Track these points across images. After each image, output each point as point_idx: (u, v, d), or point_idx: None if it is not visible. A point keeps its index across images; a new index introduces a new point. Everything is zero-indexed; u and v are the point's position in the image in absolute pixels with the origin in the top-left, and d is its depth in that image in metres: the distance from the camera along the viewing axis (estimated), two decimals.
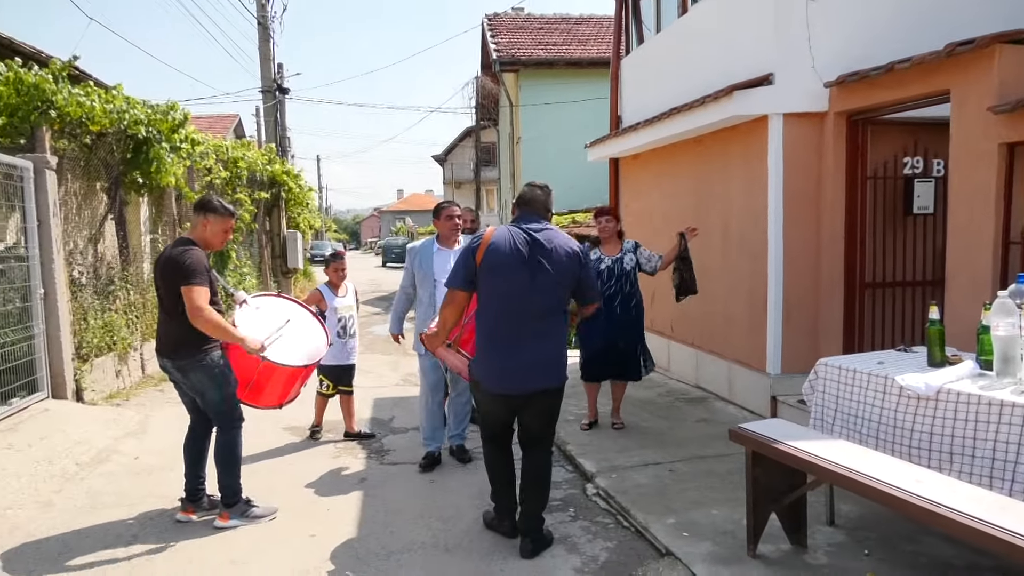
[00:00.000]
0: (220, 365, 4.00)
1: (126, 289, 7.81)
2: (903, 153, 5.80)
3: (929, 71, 4.58)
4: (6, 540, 3.92)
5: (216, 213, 4.04)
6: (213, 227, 4.04)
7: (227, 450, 4.07)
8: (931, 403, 3.16)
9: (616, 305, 5.43)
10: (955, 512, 2.45)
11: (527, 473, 3.73)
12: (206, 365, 3.95)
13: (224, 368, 4.03)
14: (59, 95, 6.30)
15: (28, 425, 5.48)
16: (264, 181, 13.81)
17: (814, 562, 3.36)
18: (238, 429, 4.11)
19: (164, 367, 4.08)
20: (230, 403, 4.07)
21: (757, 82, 5.59)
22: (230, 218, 4.12)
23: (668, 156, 7.64)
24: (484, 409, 3.83)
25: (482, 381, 3.64)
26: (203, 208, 4.08)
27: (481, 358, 3.62)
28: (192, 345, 3.91)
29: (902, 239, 5.89)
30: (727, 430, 3.66)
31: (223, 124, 26.31)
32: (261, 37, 17.38)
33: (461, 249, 4.09)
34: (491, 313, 3.56)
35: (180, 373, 4.00)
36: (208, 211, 4.03)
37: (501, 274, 3.49)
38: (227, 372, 4.04)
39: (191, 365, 3.93)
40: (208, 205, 4.07)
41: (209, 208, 4.05)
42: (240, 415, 4.13)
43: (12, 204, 6.02)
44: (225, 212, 4.08)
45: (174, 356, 3.96)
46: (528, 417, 3.68)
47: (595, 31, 19.35)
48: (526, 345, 3.51)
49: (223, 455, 4.06)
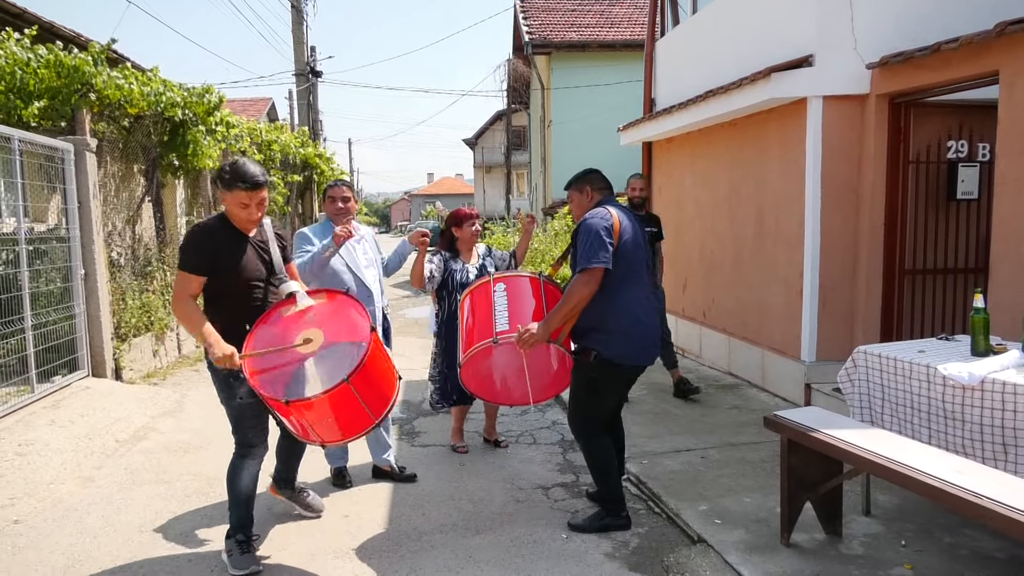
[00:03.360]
0: (220, 374, 3.26)
1: (163, 270, 7.95)
2: (947, 137, 5.64)
3: (977, 51, 4.43)
4: (49, 513, 4.03)
5: (223, 184, 3.24)
6: (228, 202, 3.28)
7: (231, 475, 3.43)
8: (977, 393, 3.09)
9: None
10: (998, 504, 2.39)
11: (618, 441, 3.95)
12: (214, 371, 3.28)
13: (229, 377, 3.24)
14: (98, 78, 6.40)
15: (70, 402, 5.61)
16: (297, 164, 13.93)
17: (849, 552, 3.32)
18: (245, 456, 3.40)
19: None
20: (236, 422, 3.38)
21: (796, 64, 5.47)
22: (243, 191, 3.18)
23: (703, 140, 7.53)
24: (610, 392, 3.70)
25: (623, 360, 3.56)
26: (216, 179, 3.41)
27: (619, 337, 3.53)
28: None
29: (944, 225, 5.75)
30: (760, 417, 3.62)
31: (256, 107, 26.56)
32: (295, 20, 17.46)
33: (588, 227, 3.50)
34: (625, 288, 3.56)
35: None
36: (220, 182, 3.27)
37: (632, 250, 3.57)
38: (234, 383, 3.25)
39: (209, 363, 3.25)
40: (219, 177, 3.27)
41: (220, 179, 3.26)
42: (249, 441, 3.39)
43: (53, 186, 6.15)
44: (233, 183, 3.18)
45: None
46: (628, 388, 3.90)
47: (629, 12, 19.10)
48: (652, 315, 3.73)
49: (228, 479, 3.45)
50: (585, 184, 3.75)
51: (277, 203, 12.24)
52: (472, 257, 4.76)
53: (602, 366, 3.55)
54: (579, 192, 3.77)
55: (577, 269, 3.46)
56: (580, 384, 3.68)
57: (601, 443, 3.72)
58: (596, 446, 3.71)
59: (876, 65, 5.24)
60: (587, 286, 3.42)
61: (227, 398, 3.33)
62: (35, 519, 3.96)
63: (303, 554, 3.54)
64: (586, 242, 3.44)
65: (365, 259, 4.33)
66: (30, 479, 4.40)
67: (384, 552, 3.55)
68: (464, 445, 5.01)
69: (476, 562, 3.42)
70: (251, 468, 3.42)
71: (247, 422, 3.37)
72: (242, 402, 3.30)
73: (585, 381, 3.65)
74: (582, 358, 3.60)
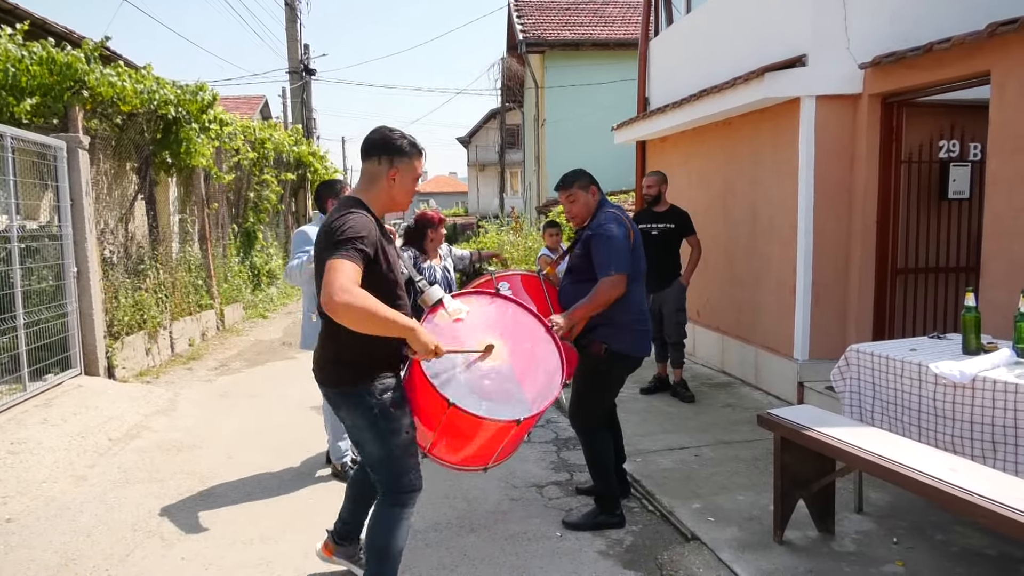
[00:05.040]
0: (386, 404, 2.63)
1: (156, 268, 7.92)
2: (939, 136, 5.68)
3: (969, 52, 4.46)
4: (42, 512, 4.02)
5: (405, 155, 2.69)
6: (403, 178, 2.71)
7: (382, 529, 2.74)
8: (968, 391, 3.11)
9: None
10: (990, 501, 2.42)
11: (617, 440, 4.05)
12: (365, 403, 2.62)
13: (392, 410, 2.65)
14: (91, 75, 6.37)
15: (62, 400, 5.59)
16: (290, 162, 13.90)
17: (842, 549, 3.34)
18: (405, 506, 2.76)
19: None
20: (398, 461, 2.70)
21: (789, 63, 5.49)
22: (420, 161, 2.75)
23: (697, 139, 7.55)
24: (616, 384, 3.83)
25: (631, 351, 3.71)
26: (384, 149, 2.66)
27: (627, 330, 3.67)
28: (348, 367, 2.63)
29: (936, 224, 5.78)
30: (753, 415, 3.63)
31: (250, 105, 26.44)
32: (288, 18, 17.42)
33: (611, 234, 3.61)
34: (632, 285, 3.70)
35: (333, 406, 2.78)
36: (396, 153, 2.67)
37: (638, 250, 3.77)
38: (396, 417, 2.66)
39: (344, 398, 2.66)
40: (391, 144, 2.67)
41: (394, 148, 2.67)
42: (411, 485, 2.74)
43: (46, 183, 6.13)
44: (414, 150, 2.71)
45: (325, 380, 2.73)
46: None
47: (622, 11, 19.12)
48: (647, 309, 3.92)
49: (374, 535, 2.75)
50: (590, 182, 3.87)
51: (271, 201, 12.22)
52: (437, 258, 4.80)
53: (612, 358, 3.65)
54: (585, 191, 3.84)
55: (604, 273, 3.58)
56: (587, 378, 3.74)
57: (603, 437, 3.77)
58: (598, 441, 3.75)
59: (869, 65, 5.26)
60: (615, 289, 3.56)
61: (390, 432, 2.65)
62: (27, 518, 3.95)
63: (297, 552, 3.54)
64: (613, 248, 3.60)
65: None
66: (22, 478, 4.38)
67: None
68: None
69: (471, 560, 3.43)
70: (409, 519, 2.79)
71: (411, 461, 2.73)
72: (407, 436, 2.70)
73: (593, 375, 3.72)
74: (591, 352, 3.65)
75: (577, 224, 3.90)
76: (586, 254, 3.69)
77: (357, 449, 2.83)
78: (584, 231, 3.80)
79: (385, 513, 2.75)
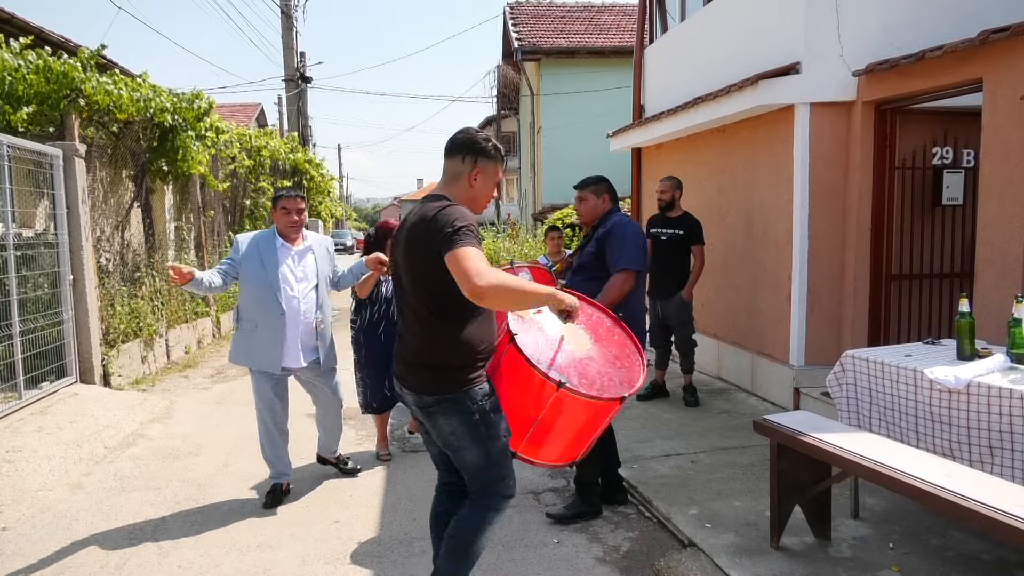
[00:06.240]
0: (486, 408, 2.57)
1: (152, 276, 7.92)
2: (932, 143, 5.71)
3: (961, 59, 4.50)
4: (38, 520, 4.01)
5: (489, 158, 2.67)
6: (486, 179, 2.69)
7: (470, 533, 2.69)
8: (963, 397, 3.12)
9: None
10: (984, 506, 2.43)
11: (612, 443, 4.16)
12: (465, 407, 2.55)
13: (491, 411, 2.60)
14: (87, 83, 6.38)
15: (58, 408, 5.58)
16: (286, 170, 13.92)
17: (838, 555, 3.34)
18: (500, 511, 2.72)
19: (406, 402, 2.74)
20: (498, 467, 2.65)
21: (784, 71, 5.53)
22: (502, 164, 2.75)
23: (692, 146, 7.58)
24: None
25: None
26: (469, 149, 2.65)
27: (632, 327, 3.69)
28: (450, 371, 2.55)
29: (930, 230, 5.82)
30: (750, 421, 3.64)
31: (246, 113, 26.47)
32: (284, 26, 17.46)
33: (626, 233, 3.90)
34: (637, 287, 3.92)
35: (425, 416, 2.66)
36: (480, 155, 2.65)
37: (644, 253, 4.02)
38: (495, 422, 2.61)
39: (443, 405, 2.57)
40: (476, 146, 2.65)
41: (479, 150, 2.65)
42: (508, 490, 2.72)
43: (42, 191, 6.12)
44: (498, 155, 2.71)
45: (421, 388, 2.60)
46: None
47: (617, 19, 19.21)
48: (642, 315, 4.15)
49: (461, 539, 2.70)
50: (604, 190, 4.11)
51: (267, 208, 12.22)
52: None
53: None
54: (596, 195, 4.06)
55: (616, 267, 3.82)
56: None
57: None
58: None
59: (862, 72, 5.30)
60: (627, 283, 3.80)
61: (490, 437, 2.59)
62: (23, 526, 3.93)
63: (294, 560, 3.53)
64: (628, 246, 3.85)
65: (300, 272, 4.15)
66: (18, 486, 4.37)
67: (375, 557, 3.55)
68: (388, 453, 5.00)
69: None
70: (498, 519, 2.76)
71: (509, 465, 2.69)
72: (505, 440, 2.65)
73: None
74: None
75: (582, 223, 4.19)
76: (598, 252, 3.92)
77: (452, 458, 2.70)
78: (597, 230, 4.01)
79: (478, 514, 2.69)
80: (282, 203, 4.09)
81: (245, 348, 4.10)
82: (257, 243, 4.07)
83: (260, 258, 4.02)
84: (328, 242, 4.41)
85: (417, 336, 2.60)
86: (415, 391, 2.62)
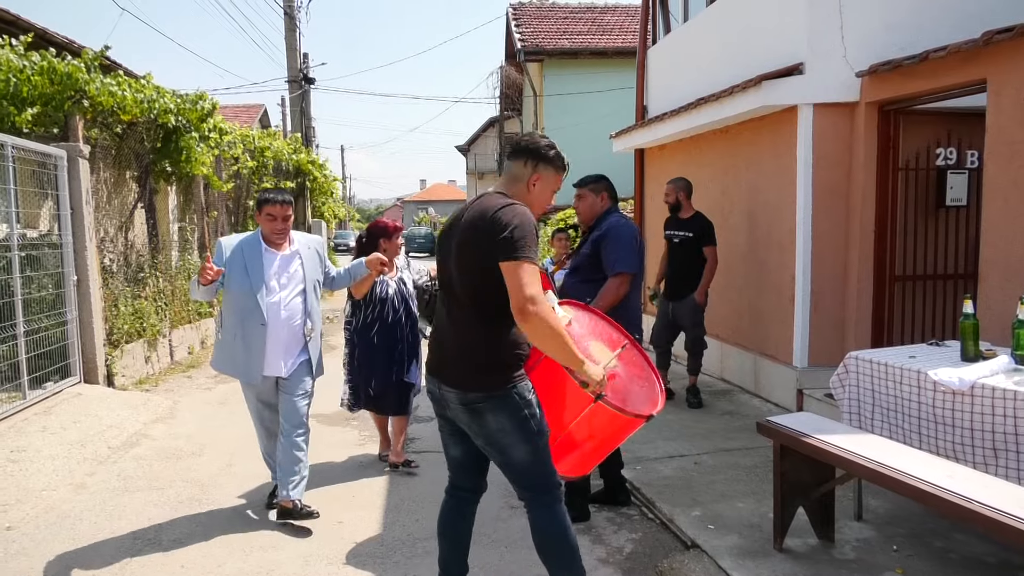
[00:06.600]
0: (533, 404, 2.56)
1: (155, 276, 7.93)
2: (936, 144, 5.71)
3: (965, 60, 4.49)
4: (42, 520, 4.01)
5: (551, 165, 2.68)
6: (544, 186, 2.69)
7: (557, 537, 2.64)
8: (967, 398, 3.12)
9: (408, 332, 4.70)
10: (988, 508, 2.42)
11: None
12: (514, 403, 2.53)
13: (537, 407, 2.58)
14: (91, 84, 6.39)
15: (62, 408, 5.59)
16: (290, 171, 13.94)
17: (842, 557, 3.34)
18: (561, 499, 2.68)
19: (441, 398, 2.66)
20: (544, 463, 2.62)
21: (787, 72, 5.52)
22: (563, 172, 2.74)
23: (695, 147, 7.58)
24: None
25: None
26: (532, 154, 2.65)
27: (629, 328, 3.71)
28: (499, 368, 2.53)
29: (934, 232, 5.81)
30: (753, 423, 3.64)
31: (249, 114, 26.53)
32: (288, 27, 17.47)
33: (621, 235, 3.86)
34: (633, 290, 3.92)
35: (470, 414, 2.57)
36: (542, 160, 2.65)
37: (641, 256, 4.02)
38: (540, 417, 2.59)
39: (491, 403, 2.52)
40: (539, 151, 2.65)
41: (541, 156, 2.65)
42: (558, 481, 2.70)
43: (46, 192, 6.14)
44: (560, 163, 2.71)
45: (468, 385, 2.54)
46: None
47: (620, 20, 19.21)
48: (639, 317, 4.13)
49: (554, 546, 2.65)
50: (603, 189, 4.06)
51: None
52: (393, 270, 4.53)
53: None
54: (594, 193, 4.02)
55: (612, 271, 3.81)
56: None
57: None
58: None
59: (865, 73, 5.29)
60: (622, 287, 3.81)
61: (537, 432, 2.58)
62: (27, 526, 3.94)
63: (297, 560, 3.53)
64: (623, 249, 3.83)
65: (285, 279, 3.90)
66: (22, 486, 4.38)
67: (378, 558, 3.55)
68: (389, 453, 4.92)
69: (471, 568, 3.41)
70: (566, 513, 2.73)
71: (551, 459, 2.66)
72: (547, 435, 2.63)
73: None
74: None
75: (580, 221, 4.15)
76: (593, 254, 3.90)
77: (495, 458, 2.64)
78: (592, 232, 3.98)
79: (547, 515, 2.65)
80: (267, 209, 3.82)
81: (228, 356, 3.94)
82: (242, 248, 3.84)
83: (244, 265, 3.80)
84: (317, 243, 4.16)
85: (463, 333, 2.57)
86: (460, 388, 2.56)
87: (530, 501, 2.67)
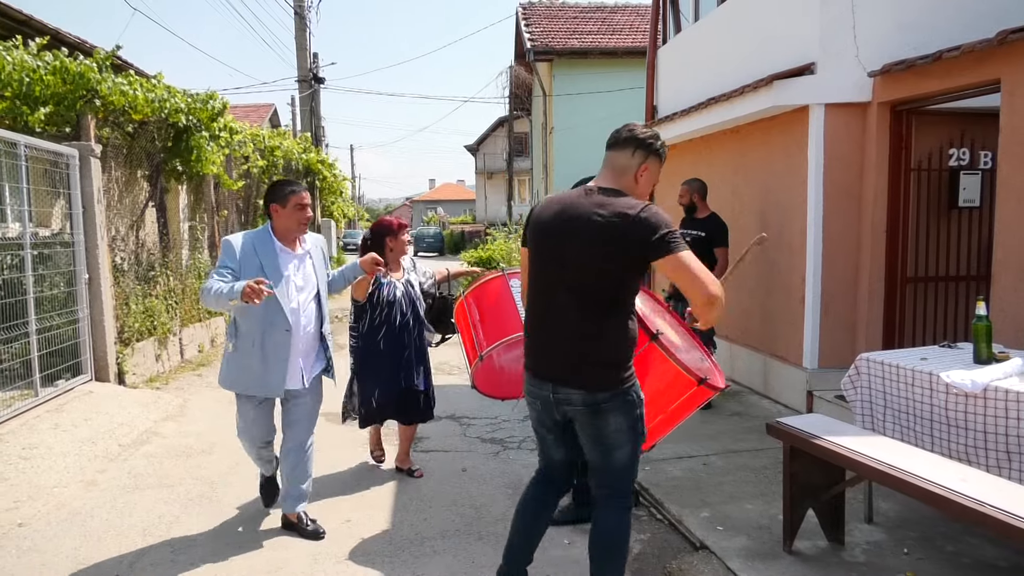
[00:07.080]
0: (642, 401, 2.63)
1: (166, 275, 7.97)
2: (949, 144, 5.66)
3: (979, 60, 4.45)
4: (53, 516, 4.04)
5: (657, 156, 2.72)
6: (649, 177, 2.72)
7: (621, 539, 2.68)
8: (980, 401, 3.09)
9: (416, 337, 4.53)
10: (1000, 511, 2.40)
11: None
12: (632, 403, 2.58)
13: (643, 407, 2.65)
14: (103, 84, 6.43)
15: (73, 406, 5.63)
16: (299, 170, 13.99)
17: (852, 560, 3.32)
18: (631, 507, 2.77)
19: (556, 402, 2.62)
20: (636, 464, 2.72)
21: (798, 71, 5.50)
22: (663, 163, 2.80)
23: (705, 147, 7.55)
24: None
25: None
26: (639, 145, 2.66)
27: None
28: (622, 365, 2.55)
29: (946, 233, 5.76)
30: (762, 424, 3.62)
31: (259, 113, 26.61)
32: (298, 27, 17.54)
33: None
34: None
35: (594, 414, 2.56)
36: (649, 152, 2.67)
37: None
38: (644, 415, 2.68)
39: (611, 401, 2.53)
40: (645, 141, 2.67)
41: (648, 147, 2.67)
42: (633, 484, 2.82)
43: (58, 191, 6.18)
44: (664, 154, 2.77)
45: (591, 386, 2.54)
46: None
47: (630, 20, 19.16)
48: None
49: (615, 546, 2.67)
50: None
51: None
52: (399, 271, 4.47)
53: None
54: None
55: None
56: None
57: None
58: None
59: (878, 73, 5.26)
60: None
61: (642, 432, 2.63)
62: (39, 522, 3.97)
63: (305, 558, 3.54)
64: None
65: (301, 281, 3.66)
66: (34, 482, 4.41)
67: (386, 557, 3.55)
68: (382, 452, 4.89)
69: (478, 567, 3.42)
70: None
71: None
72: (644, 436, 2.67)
73: None
74: None
75: None
76: None
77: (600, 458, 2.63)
78: None
79: (620, 517, 2.68)
80: (295, 199, 3.52)
81: (242, 369, 3.63)
82: (254, 247, 3.52)
83: (260, 265, 3.48)
84: (322, 242, 3.94)
85: (584, 333, 2.53)
86: (585, 389, 2.53)
87: (606, 499, 2.69)
